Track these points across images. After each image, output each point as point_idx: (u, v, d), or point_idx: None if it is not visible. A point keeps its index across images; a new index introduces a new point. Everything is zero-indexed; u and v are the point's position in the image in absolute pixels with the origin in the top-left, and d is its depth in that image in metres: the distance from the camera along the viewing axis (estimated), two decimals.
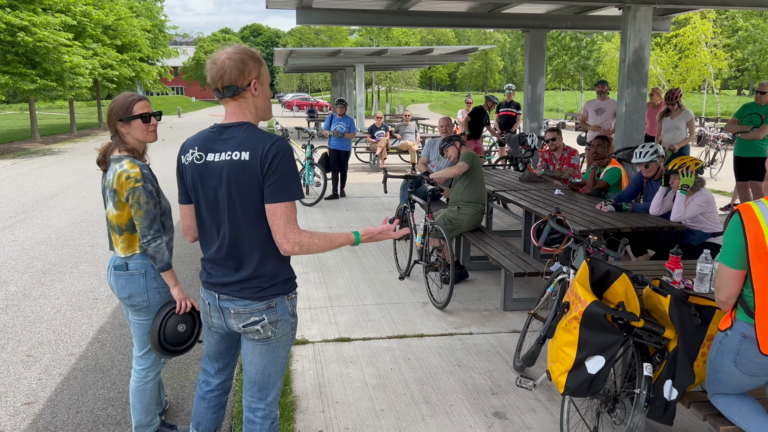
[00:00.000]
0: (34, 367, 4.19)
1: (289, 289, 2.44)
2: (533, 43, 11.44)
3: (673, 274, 3.30)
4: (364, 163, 15.61)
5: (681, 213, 4.86)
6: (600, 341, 2.77)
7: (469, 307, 5.35)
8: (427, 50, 22.08)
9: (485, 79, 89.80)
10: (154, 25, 35.65)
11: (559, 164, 7.44)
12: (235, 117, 2.32)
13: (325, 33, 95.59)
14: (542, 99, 11.59)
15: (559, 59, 39.93)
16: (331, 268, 6.47)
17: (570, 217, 5.19)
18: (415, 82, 52.75)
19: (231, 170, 2.25)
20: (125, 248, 2.95)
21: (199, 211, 2.39)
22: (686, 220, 4.89)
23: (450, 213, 5.97)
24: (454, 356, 4.35)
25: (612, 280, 3.01)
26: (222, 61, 2.26)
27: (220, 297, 2.40)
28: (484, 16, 11.00)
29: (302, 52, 22.86)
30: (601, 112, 9.35)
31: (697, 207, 4.82)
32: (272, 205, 2.24)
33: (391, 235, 2.49)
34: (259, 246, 2.32)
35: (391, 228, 2.49)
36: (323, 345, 4.54)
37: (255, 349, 2.44)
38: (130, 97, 2.97)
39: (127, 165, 2.87)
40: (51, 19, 18.43)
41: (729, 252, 2.33)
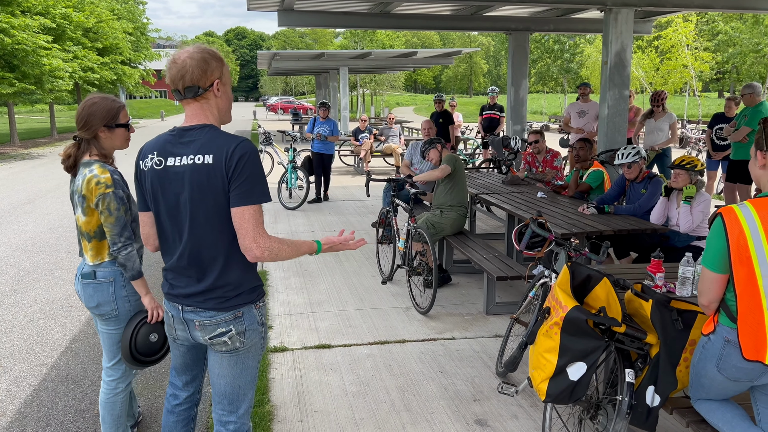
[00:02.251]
0: (4, 378, 4.06)
1: (256, 297, 2.36)
2: (516, 45, 11.44)
3: (655, 278, 3.26)
4: (349, 166, 15.53)
5: (689, 223, 4.81)
6: (581, 347, 2.71)
7: (452, 311, 5.29)
8: (410, 53, 22.08)
9: (470, 82, 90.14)
10: (135, 27, 35.33)
11: (542, 167, 7.41)
12: (197, 119, 2.23)
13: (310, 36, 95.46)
14: (525, 101, 11.59)
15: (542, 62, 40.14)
16: (313, 273, 6.39)
17: (552, 219, 5.15)
18: (399, 85, 52.74)
19: (194, 174, 2.16)
20: (94, 255, 2.85)
21: (159, 218, 2.29)
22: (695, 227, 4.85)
23: (433, 217, 5.92)
24: (436, 362, 4.29)
25: (593, 285, 2.96)
26: (183, 61, 2.17)
27: (184, 309, 2.30)
28: (467, 19, 10.98)
29: (286, 55, 22.77)
30: (584, 114, 9.36)
31: (700, 213, 4.80)
32: (240, 209, 2.15)
33: (349, 246, 2.49)
34: (223, 254, 2.23)
35: (349, 239, 2.49)
36: (303, 352, 4.45)
37: (223, 361, 2.35)
38: (116, 103, 2.87)
39: (98, 170, 2.78)
40: (29, 21, 18.15)
41: (711, 255, 2.29)
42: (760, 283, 2.16)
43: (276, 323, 4.99)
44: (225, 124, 2.38)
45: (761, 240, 2.15)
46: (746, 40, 26.60)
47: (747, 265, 2.17)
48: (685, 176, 4.75)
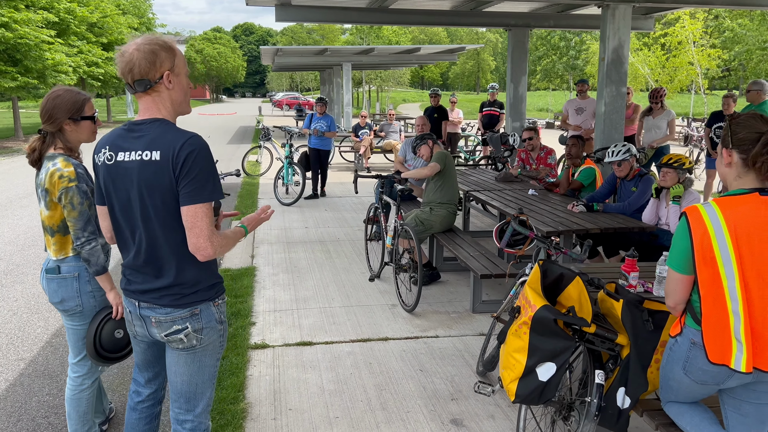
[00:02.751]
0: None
1: (214, 294, 2.32)
2: (516, 41, 11.34)
3: (629, 278, 3.20)
4: (349, 162, 15.48)
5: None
6: (551, 347, 2.66)
7: (438, 309, 5.24)
8: (414, 49, 21.99)
9: (477, 79, 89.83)
10: (141, 23, 35.35)
11: (535, 164, 7.34)
12: (149, 113, 2.18)
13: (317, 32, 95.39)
14: (524, 98, 11.49)
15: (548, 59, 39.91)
16: (302, 269, 6.35)
17: (539, 217, 5.09)
18: (405, 81, 52.62)
19: (141, 171, 2.11)
20: (57, 250, 2.82)
21: (114, 214, 2.25)
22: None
23: (422, 214, 5.86)
24: (417, 360, 4.24)
25: (566, 284, 2.91)
26: (130, 54, 2.12)
27: (141, 305, 2.27)
28: (466, 14, 10.89)
29: (289, 51, 22.70)
30: (582, 111, 9.27)
31: None
32: (191, 207, 2.09)
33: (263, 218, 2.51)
34: (178, 251, 2.19)
35: (262, 211, 2.50)
36: (284, 349, 4.41)
37: (180, 359, 2.31)
38: (81, 95, 2.83)
39: (61, 163, 2.74)
40: (32, 15, 18.18)
41: (676, 256, 2.23)
42: (724, 285, 2.10)
43: (259, 320, 4.95)
44: (183, 115, 2.34)
45: (726, 240, 2.09)
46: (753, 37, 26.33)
47: (711, 265, 2.11)
48: (673, 175, 4.67)
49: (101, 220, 2.37)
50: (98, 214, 2.38)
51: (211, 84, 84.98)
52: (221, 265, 6.54)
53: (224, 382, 3.87)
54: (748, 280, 2.09)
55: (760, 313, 2.09)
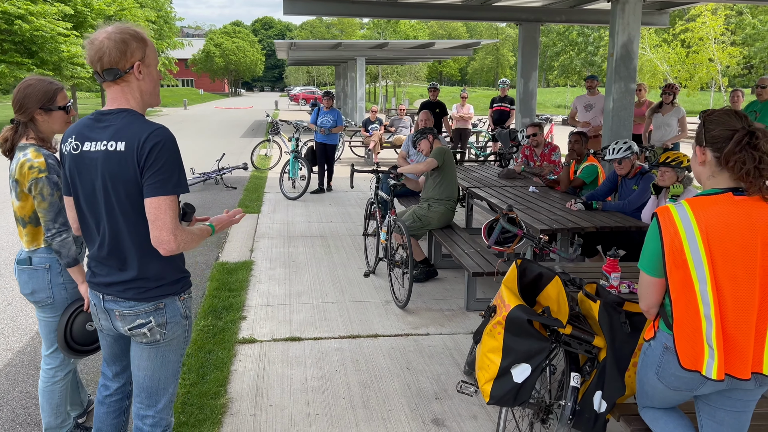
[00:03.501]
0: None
1: (180, 289, 2.28)
2: (526, 36, 11.21)
3: (610, 278, 3.11)
4: (359, 157, 15.44)
5: None
6: (525, 348, 2.59)
7: (432, 306, 5.18)
8: (428, 44, 21.88)
9: (496, 75, 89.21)
10: (159, 15, 35.57)
11: (539, 160, 7.23)
12: (116, 103, 2.15)
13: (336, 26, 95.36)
14: (535, 94, 11.36)
15: (566, 55, 39.44)
16: (300, 263, 6.32)
17: (536, 215, 4.99)
18: (422, 76, 52.39)
19: (105, 162, 2.08)
20: (29, 241, 2.81)
21: (79, 205, 2.22)
22: None
23: (420, 210, 5.79)
24: (405, 358, 4.18)
25: (545, 283, 2.84)
26: (101, 42, 2.08)
27: (105, 298, 2.24)
28: (476, 9, 10.78)
29: (303, 45, 22.73)
30: (591, 107, 9.12)
31: None
32: (155, 199, 2.05)
33: (234, 220, 2.49)
34: (141, 245, 2.15)
35: (233, 214, 2.49)
36: (271, 344, 4.38)
37: (143, 353, 2.28)
38: (53, 85, 2.80)
39: (32, 154, 2.72)
40: (48, 8, 18.36)
41: (647, 258, 2.14)
42: (696, 288, 2.01)
43: (251, 314, 4.93)
44: (153, 107, 2.30)
45: (697, 242, 2.00)
46: None
47: (682, 268, 2.02)
48: (671, 174, 4.54)
49: (68, 211, 2.35)
50: (65, 205, 2.35)
51: (230, 78, 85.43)
52: (219, 258, 6.54)
53: (208, 376, 3.85)
54: (720, 284, 2.00)
55: (733, 319, 2.00)
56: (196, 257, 6.59)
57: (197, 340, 4.38)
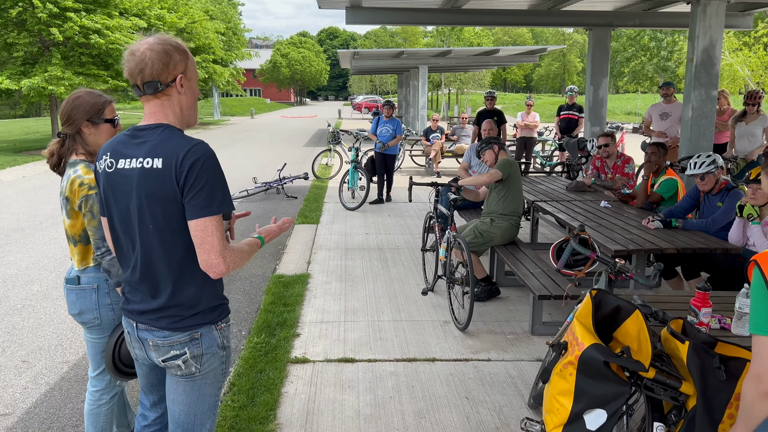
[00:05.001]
0: (25, 375, 4.08)
1: (217, 317, 2.12)
2: (596, 42, 10.71)
3: (699, 314, 2.75)
4: (419, 166, 15.21)
5: (766, 245, 4.09)
6: (600, 392, 2.30)
7: (494, 328, 4.88)
8: (492, 51, 21.45)
9: (562, 81, 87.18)
10: (228, 27, 36.56)
11: (611, 173, 6.81)
12: (154, 118, 2.02)
13: (400, 35, 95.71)
14: (605, 101, 10.83)
15: (636, 60, 37.96)
16: (356, 278, 6.14)
17: (608, 233, 4.63)
18: (486, 83, 51.68)
19: (141, 180, 1.94)
20: (80, 260, 2.73)
21: (113, 225, 2.09)
22: None
23: (482, 225, 5.52)
24: (464, 386, 3.92)
25: (623, 318, 2.53)
26: (142, 53, 1.96)
27: (138, 326, 2.10)
28: (542, 14, 10.38)
29: (365, 54, 22.75)
30: (666, 116, 8.57)
31: None
32: (200, 221, 1.91)
33: (283, 228, 2.35)
34: (176, 269, 2.00)
35: (283, 223, 2.36)
36: (324, 365, 4.21)
37: (178, 386, 2.14)
38: (101, 98, 2.74)
39: (82, 170, 2.64)
40: (123, 22, 19.08)
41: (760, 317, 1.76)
42: None
43: (304, 331, 4.78)
44: (191, 125, 2.16)
45: None
46: None
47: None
48: (764, 193, 4.09)
49: (105, 232, 2.24)
50: (103, 226, 2.24)
51: (295, 87, 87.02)
52: (276, 270, 6.45)
53: (257, 398, 3.71)
54: None
55: None
56: (254, 269, 6.53)
57: (249, 359, 4.26)
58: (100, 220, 2.59)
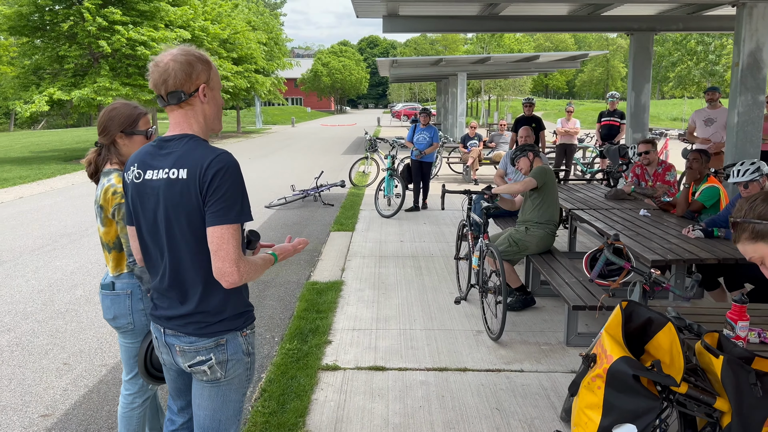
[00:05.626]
0: (66, 377, 4.21)
1: (242, 324, 2.15)
2: (639, 46, 10.49)
3: (736, 328, 2.65)
4: (457, 173, 15.14)
5: None
6: (631, 407, 2.23)
7: (528, 339, 4.81)
8: (532, 57, 21.26)
9: (606, 87, 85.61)
10: (270, 38, 37.17)
11: (652, 180, 6.64)
12: (179, 128, 2.06)
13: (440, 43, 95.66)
14: (647, 108, 10.59)
15: (683, 65, 36.99)
16: (390, 285, 6.14)
17: (646, 242, 4.51)
18: (527, 89, 51.16)
19: (167, 190, 1.99)
20: (114, 267, 2.81)
21: (141, 235, 2.14)
22: None
23: (517, 233, 5.45)
24: (495, 397, 3.86)
25: (655, 330, 2.45)
26: (166, 64, 2.01)
27: (166, 332, 2.15)
28: (581, 20, 10.24)
29: (404, 62, 22.81)
30: (711, 122, 8.32)
31: None
32: (216, 229, 1.94)
33: (298, 249, 2.37)
34: (202, 276, 2.04)
35: (298, 243, 2.37)
36: (354, 373, 4.21)
37: (204, 391, 2.17)
38: (136, 110, 2.82)
39: (115, 179, 2.72)
40: (168, 33, 19.61)
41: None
42: None
43: (336, 338, 4.80)
44: (215, 132, 2.21)
45: None
46: None
47: None
48: None
49: (131, 241, 2.29)
50: (129, 235, 2.30)
51: (336, 95, 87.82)
52: (311, 277, 6.50)
53: (288, 405, 3.74)
54: None
55: None
56: (289, 276, 6.60)
57: (281, 365, 4.30)
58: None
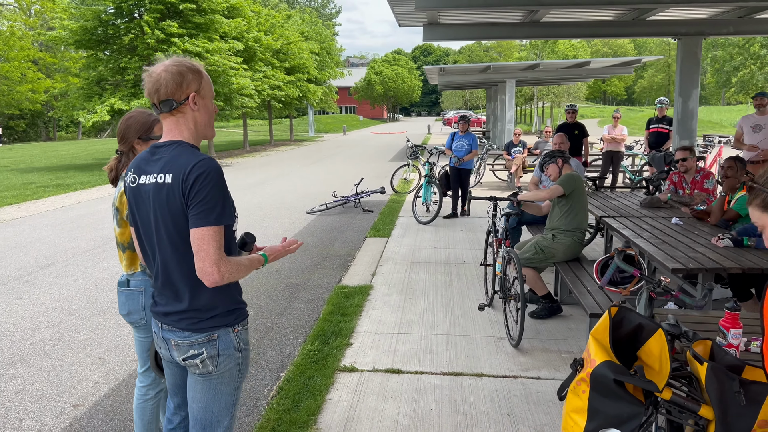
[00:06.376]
0: (99, 371, 4.45)
1: (233, 320, 2.26)
2: (686, 51, 10.21)
3: (728, 335, 2.59)
4: (501, 180, 15.03)
5: None
6: (614, 412, 2.23)
7: (550, 346, 4.77)
8: (583, 63, 20.92)
9: (667, 93, 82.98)
10: (322, 47, 37.82)
11: (689, 188, 6.47)
12: (170, 135, 2.19)
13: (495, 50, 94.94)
14: (695, 114, 10.29)
15: (746, 69, 35.50)
16: (418, 291, 6.19)
17: (671, 250, 4.42)
18: (581, 96, 50.17)
19: (155, 194, 2.13)
20: (128, 265, 2.98)
21: (139, 236, 2.29)
22: None
23: (543, 241, 5.42)
24: (508, 403, 3.86)
25: (646, 336, 2.43)
26: (158, 74, 2.14)
27: (163, 327, 2.28)
28: (626, 25, 10.06)
29: (451, 69, 22.82)
30: (760, 129, 8.01)
31: None
32: (198, 230, 2.06)
33: (290, 250, 2.45)
34: (191, 276, 2.16)
35: (290, 244, 2.45)
36: (370, 375, 4.29)
37: (197, 384, 2.29)
38: (151, 117, 3.00)
39: None
40: (222, 45, 20.29)
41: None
42: None
43: (357, 341, 4.89)
44: (207, 139, 2.34)
45: None
46: None
47: None
48: None
49: (135, 241, 2.45)
50: (133, 236, 2.46)
51: (388, 104, 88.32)
52: (341, 281, 6.62)
53: (302, 403, 3.85)
54: None
55: None
56: (320, 280, 6.74)
57: (300, 365, 4.42)
58: None
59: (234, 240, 2.28)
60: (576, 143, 10.51)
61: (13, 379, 4.32)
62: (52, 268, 7.31)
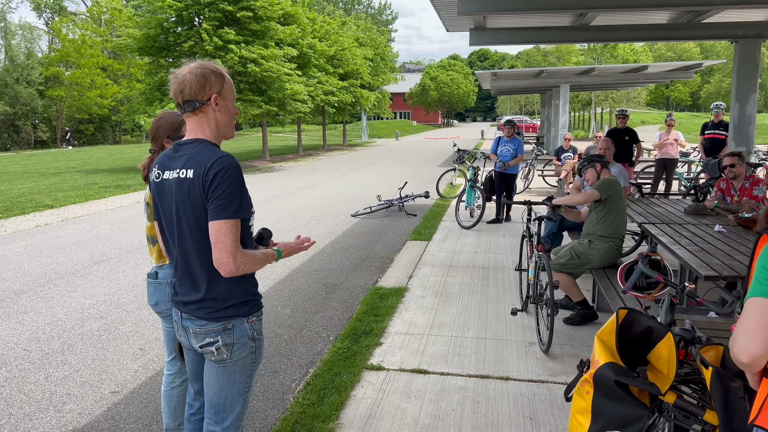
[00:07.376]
0: (139, 360, 4.68)
1: (248, 311, 2.37)
2: (743, 54, 9.85)
3: None
4: (551, 186, 14.81)
5: None
6: (618, 414, 2.22)
7: (581, 353, 4.71)
8: (641, 68, 20.40)
9: None
10: (376, 53, 38.14)
11: (738, 195, 6.24)
12: (193, 133, 2.33)
13: (553, 54, 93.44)
14: (753, 119, 9.90)
15: None
16: (452, 294, 6.20)
17: (707, 257, 4.29)
18: (642, 101, 48.75)
19: (177, 188, 2.26)
20: (157, 258, 3.14)
21: (162, 229, 2.43)
22: None
23: (579, 246, 5.35)
24: (531, 407, 3.85)
25: (656, 340, 2.40)
26: (183, 76, 2.28)
27: (182, 315, 2.41)
28: (679, 28, 9.79)
29: (504, 74, 22.66)
30: None
31: None
32: (216, 223, 2.18)
33: (303, 247, 2.55)
34: (208, 267, 2.28)
35: (303, 241, 2.54)
36: (396, 374, 4.34)
37: (212, 370, 2.41)
38: (179, 117, 3.15)
39: None
40: (277, 51, 20.79)
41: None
42: None
43: (387, 341, 4.95)
44: (227, 139, 2.46)
45: None
46: None
47: None
48: None
49: (158, 235, 2.59)
50: (157, 230, 2.60)
51: (443, 109, 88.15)
52: (377, 283, 6.70)
53: (326, 399, 3.94)
54: None
55: None
56: (357, 281, 6.84)
57: (328, 362, 4.51)
58: None
59: (250, 234, 2.39)
60: (626, 149, 10.28)
61: (61, 366, 4.59)
62: (105, 264, 7.68)
